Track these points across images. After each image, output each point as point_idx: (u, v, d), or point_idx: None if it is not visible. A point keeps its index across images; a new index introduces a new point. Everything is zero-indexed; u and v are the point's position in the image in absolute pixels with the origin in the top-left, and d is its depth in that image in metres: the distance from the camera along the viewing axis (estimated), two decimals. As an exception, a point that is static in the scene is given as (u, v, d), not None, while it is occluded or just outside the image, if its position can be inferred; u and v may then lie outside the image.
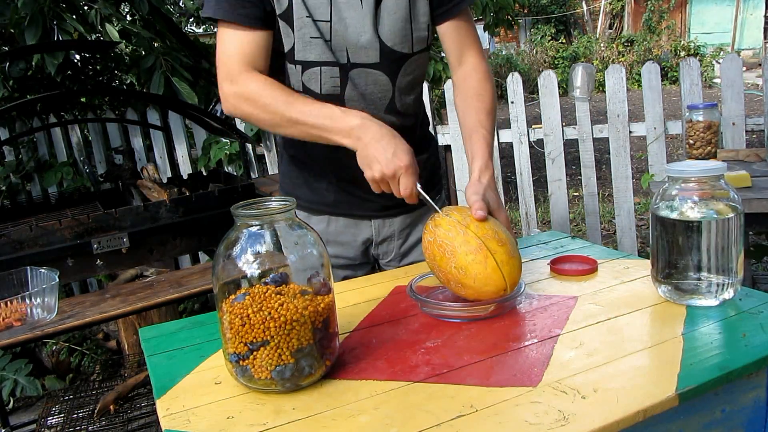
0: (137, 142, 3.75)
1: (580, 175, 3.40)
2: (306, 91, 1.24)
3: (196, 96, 2.98)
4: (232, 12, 1.14)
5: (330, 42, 1.19)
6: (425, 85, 3.31)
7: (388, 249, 1.43)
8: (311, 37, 1.18)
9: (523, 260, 1.27)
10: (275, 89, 1.15)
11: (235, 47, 1.16)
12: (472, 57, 1.30)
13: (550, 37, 14.09)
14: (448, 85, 3.39)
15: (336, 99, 1.24)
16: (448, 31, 1.28)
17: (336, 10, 1.18)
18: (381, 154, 1.06)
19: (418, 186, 1.09)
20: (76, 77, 3.72)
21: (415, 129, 1.38)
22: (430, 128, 1.54)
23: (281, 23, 1.19)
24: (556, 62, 12.58)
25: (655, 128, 3.12)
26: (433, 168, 1.45)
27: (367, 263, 1.45)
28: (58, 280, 1.66)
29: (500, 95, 5.75)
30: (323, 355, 0.85)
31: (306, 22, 1.17)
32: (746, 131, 2.99)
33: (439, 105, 4.13)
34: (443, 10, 1.26)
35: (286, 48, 1.21)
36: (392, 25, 1.21)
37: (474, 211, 1.02)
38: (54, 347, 2.99)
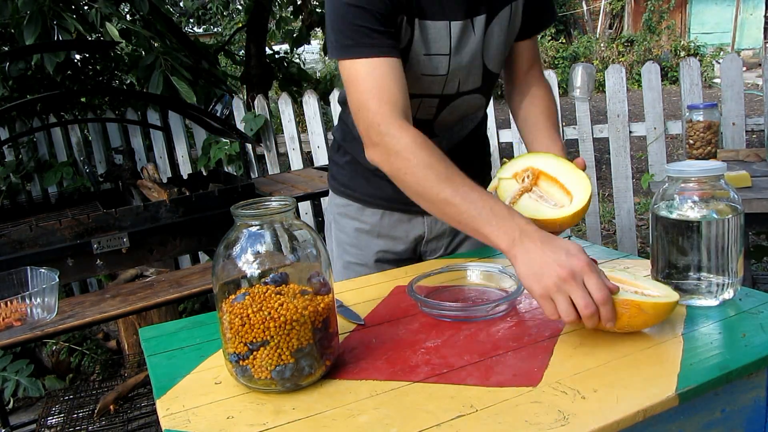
0: (137, 142, 3.75)
1: (580, 175, 3.39)
2: None
3: (196, 96, 2.98)
4: (363, 49, 1.04)
5: (447, 75, 1.20)
6: None
7: (437, 246, 1.43)
8: (422, 74, 1.19)
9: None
10: (430, 156, 1.02)
11: (369, 86, 1.04)
12: (538, 71, 1.34)
13: (550, 37, 14.07)
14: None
15: (426, 124, 1.26)
16: (524, 48, 1.31)
17: (455, 41, 1.18)
18: (551, 258, 0.87)
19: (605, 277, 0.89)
20: (76, 77, 3.73)
21: (482, 131, 1.46)
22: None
23: None
24: (556, 62, 12.56)
25: (655, 128, 3.12)
26: (481, 166, 1.48)
27: (412, 259, 1.45)
28: (58, 280, 1.66)
29: (500, 95, 5.74)
30: (323, 355, 0.85)
31: (422, 60, 1.17)
32: (746, 131, 2.99)
33: None
34: (528, 30, 1.28)
35: None
36: (496, 49, 1.23)
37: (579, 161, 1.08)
38: (54, 347, 2.99)
